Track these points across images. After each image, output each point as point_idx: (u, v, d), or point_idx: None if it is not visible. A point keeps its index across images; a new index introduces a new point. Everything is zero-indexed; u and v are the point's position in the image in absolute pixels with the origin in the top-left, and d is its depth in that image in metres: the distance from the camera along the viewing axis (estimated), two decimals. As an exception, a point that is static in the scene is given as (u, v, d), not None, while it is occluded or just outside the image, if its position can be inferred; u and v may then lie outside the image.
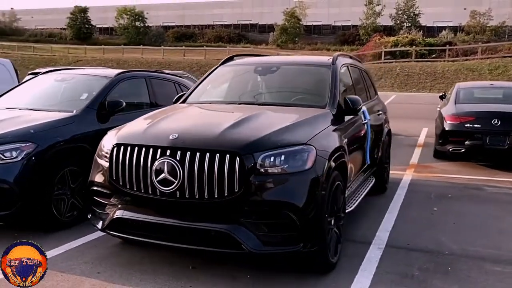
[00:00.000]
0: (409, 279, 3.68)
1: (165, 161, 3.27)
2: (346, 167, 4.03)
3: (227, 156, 3.19)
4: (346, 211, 4.41)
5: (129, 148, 3.44)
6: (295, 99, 4.65)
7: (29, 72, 9.52)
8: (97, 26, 54.75)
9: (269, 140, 3.35)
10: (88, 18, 52.08)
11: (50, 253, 3.95)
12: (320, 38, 51.03)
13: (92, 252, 4.07)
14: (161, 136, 3.41)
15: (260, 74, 4.93)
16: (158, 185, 3.29)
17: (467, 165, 8.22)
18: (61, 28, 53.91)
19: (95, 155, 3.83)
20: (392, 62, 31.49)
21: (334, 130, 3.99)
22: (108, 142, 3.67)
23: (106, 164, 3.58)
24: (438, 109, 9.19)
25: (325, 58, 4.96)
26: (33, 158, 4.26)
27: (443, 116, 8.39)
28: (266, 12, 55.97)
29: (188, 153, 3.24)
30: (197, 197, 3.23)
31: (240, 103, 4.47)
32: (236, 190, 3.18)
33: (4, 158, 4.17)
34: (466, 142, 7.95)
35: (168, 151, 3.28)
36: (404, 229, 4.88)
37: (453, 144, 8.14)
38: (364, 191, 5.14)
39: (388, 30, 44.38)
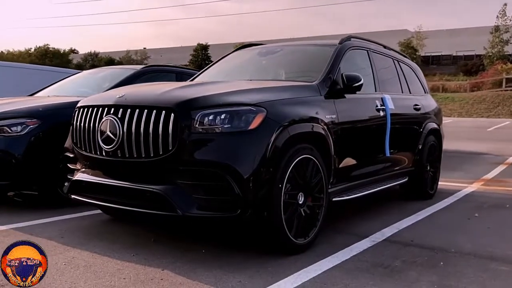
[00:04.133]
0: (381, 268, 3.15)
1: (108, 119, 3.24)
2: (327, 144, 3.65)
3: (163, 112, 3.05)
4: (341, 198, 4.01)
5: (85, 110, 3.47)
6: (288, 75, 4.37)
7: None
8: (217, 62, 57.96)
9: (211, 99, 3.15)
10: (208, 54, 55.48)
11: (39, 221, 4.16)
12: (439, 68, 48.48)
13: (74, 223, 4.15)
14: (111, 97, 3.39)
15: (262, 56, 4.75)
16: (103, 144, 3.26)
17: (554, 181, 7.02)
18: (184, 65, 58.08)
19: None
20: (514, 89, 28.74)
21: (312, 103, 3.66)
22: (76, 108, 3.74)
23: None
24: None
25: (337, 40, 4.61)
26: (37, 133, 4.48)
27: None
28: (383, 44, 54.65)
29: (129, 110, 3.17)
30: (135, 155, 3.13)
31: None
32: (170, 148, 3.02)
33: (10, 131, 4.46)
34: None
35: (112, 109, 3.25)
36: (420, 228, 4.26)
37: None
38: (379, 187, 4.63)
39: (518, 59, 40.74)
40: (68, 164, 3.76)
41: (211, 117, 3.05)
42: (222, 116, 3.06)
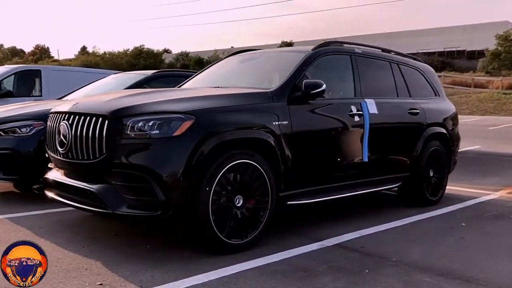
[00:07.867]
0: (300, 272, 3.24)
1: (62, 125, 3.65)
2: (273, 150, 3.76)
3: (100, 119, 3.39)
4: (299, 202, 4.10)
5: (53, 115, 3.91)
6: (258, 82, 4.52)
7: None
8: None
9: (143, 107, 3.44)
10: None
11: (33, 212, 4.71)
12: (545, 63, 44.42)
13: (62, 216, 4.60)
14: (69, 104, 3.79)
15: (242, 62, 4.93)
16: (58, 147, 3.68)
17: None
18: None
19: None
20: None
21: (258, 110, 3.79)
22: (54, 114, 4.20)
23: (49, 132, 4.12)
24: None
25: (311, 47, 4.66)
26: (43, 134, 5.00)
27: None
28: (478, 37, 51.31)
29: (77, 117, 3.56)
30: (80, 157, 3.51)
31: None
32: (104, 152, 3.35)
33: (20, 132, 5.08)
34: None
35: (66, 116, 3.66)
36: (384, 235, 4.23)
37: None
38: (356, 192, 4.61)
39: None
40: (49, 163, 4.24)
41: (140, 124, 3.34)
42: (151, 123, 3.33)
